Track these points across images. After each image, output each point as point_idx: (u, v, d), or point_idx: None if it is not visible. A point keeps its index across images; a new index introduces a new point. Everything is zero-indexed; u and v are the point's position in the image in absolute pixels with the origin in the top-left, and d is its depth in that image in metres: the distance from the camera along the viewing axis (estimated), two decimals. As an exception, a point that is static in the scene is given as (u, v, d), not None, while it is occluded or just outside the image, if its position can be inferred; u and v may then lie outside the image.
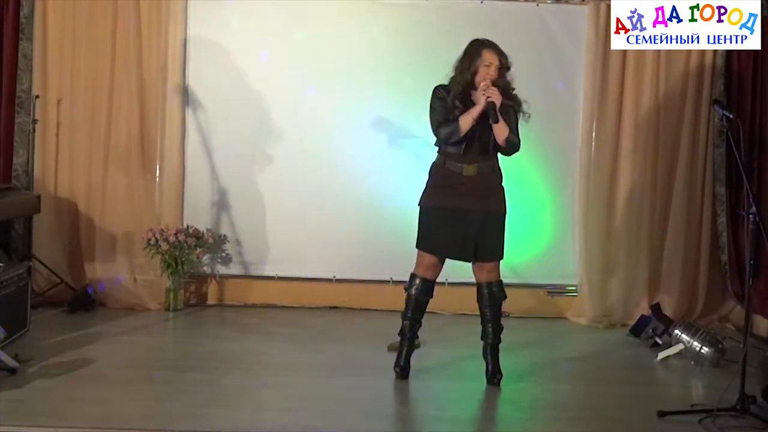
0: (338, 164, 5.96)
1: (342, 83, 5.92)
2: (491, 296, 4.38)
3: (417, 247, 4.42)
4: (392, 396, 4.25)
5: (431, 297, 4.46)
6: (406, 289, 4.46)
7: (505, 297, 4.45)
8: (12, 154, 5.77)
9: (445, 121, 4.27)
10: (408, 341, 4.46)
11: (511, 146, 4.31)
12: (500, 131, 4.24)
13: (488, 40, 4.36)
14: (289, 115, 5.94)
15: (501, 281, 4.42)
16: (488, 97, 4.18)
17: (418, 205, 4.44)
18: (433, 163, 4.43)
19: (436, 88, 4.39)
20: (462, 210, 4.28)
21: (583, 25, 5.92)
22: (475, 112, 4.21)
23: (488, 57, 4.28)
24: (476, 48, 4.34)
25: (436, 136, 4.34)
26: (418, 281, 4.41)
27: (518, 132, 4.35)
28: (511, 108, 4.33)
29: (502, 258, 4.39)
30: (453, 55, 4.78)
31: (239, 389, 4.20)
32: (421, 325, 4.48)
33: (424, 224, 4.39)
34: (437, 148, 4.41)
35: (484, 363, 4.43)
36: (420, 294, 4.42)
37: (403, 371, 4.45)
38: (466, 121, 4.21)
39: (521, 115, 4.38)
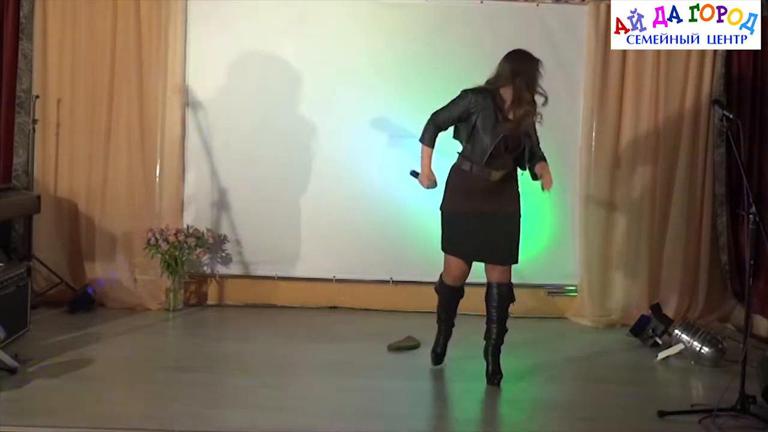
0: (338, 164, 5.95)
1: (342, 83, 5.92)
2: (500, 298, 4.40)
3: (444, 251, 4.45)
4: (392, 396, 4.25)
5: (463, 296, 4.59)
6: (437, 291, 4.61)
7: (514, 300, 4.47)
8: (12, 154, 5.77)
9: (441, 123, 4.33)
10: (445, 331, 4.63)
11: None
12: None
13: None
14: (289, 114, 5.94)
15: (511, 284, 4.43)
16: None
17: (441, 209, 4.44)
18: (456, 166, 4.42)
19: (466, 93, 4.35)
20: (488, 213, 4.32)
21: (583, 25, 5.92)
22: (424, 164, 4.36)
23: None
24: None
25: (432, 119, 4.36)
26: (449, 289, 4.54)
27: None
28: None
29: (517, 261, 4.44)
30: (453, 54, 4.79)
31: (239, 389, 4.20)
32: (456, 314, 4.64)
33: (452, 229, 4.40)
34: (459, 152, 4.42)
35: (484, 363, 4.43)
36: (451, 297, 4.58)
37: (438, 357, 4.63)
38: (423, 158, 4.36)
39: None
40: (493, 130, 4.24)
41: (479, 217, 4.31)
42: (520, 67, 4.23)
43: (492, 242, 4.32)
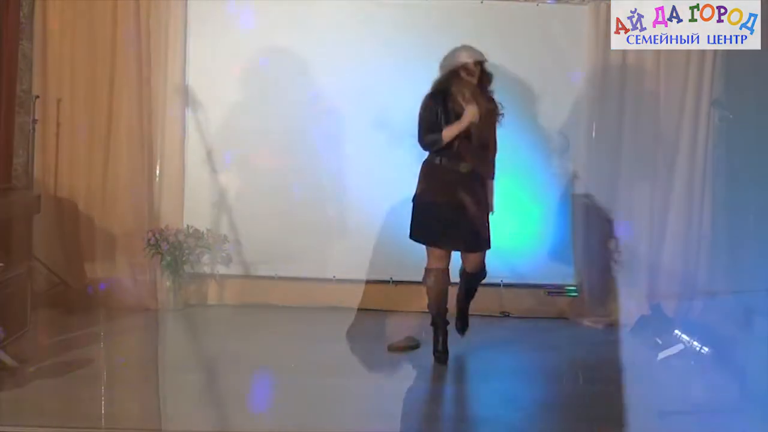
0: (338, 163, 5.95)
1: (342, 83, 5.92)
2: (475, 277, 4.73)
3: (413, 239, 4.66)
4: (391, 396, 4.25)
5: (449, 284, 4.70)
6: (424, 282, 4.71)
7: (485, 275, 4.78)
8: (12, 154, 5.77)
9: (431, 129, 4.55)
10: (441, 329, 4.70)
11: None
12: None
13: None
14: (288, 114, 5.94)
15: (485, 265, 4.72)
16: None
17: (413, 201, 4.65)
18: (427, 160, 4.62)
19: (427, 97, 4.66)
20: (460, 203, 4.49)
21: (583, 25, 5.92)
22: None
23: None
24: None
25: (423, 136, 4.60)
26: (432, 274, 4.65)
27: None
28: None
29: (489, 247, 4.64)
30: (453, 55, 4.77)
31: (239, 389, 4.20)
32: (447, 311, 4.72)
33: (425, 219, 4.58)
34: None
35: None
36: (437, 285, 4.66)
37: (442, 356, 4.68)
38: (453, 131, 4.48)
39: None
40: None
41: (451, 207, 4.49)
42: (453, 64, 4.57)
43: (464, 231, 4.52)
